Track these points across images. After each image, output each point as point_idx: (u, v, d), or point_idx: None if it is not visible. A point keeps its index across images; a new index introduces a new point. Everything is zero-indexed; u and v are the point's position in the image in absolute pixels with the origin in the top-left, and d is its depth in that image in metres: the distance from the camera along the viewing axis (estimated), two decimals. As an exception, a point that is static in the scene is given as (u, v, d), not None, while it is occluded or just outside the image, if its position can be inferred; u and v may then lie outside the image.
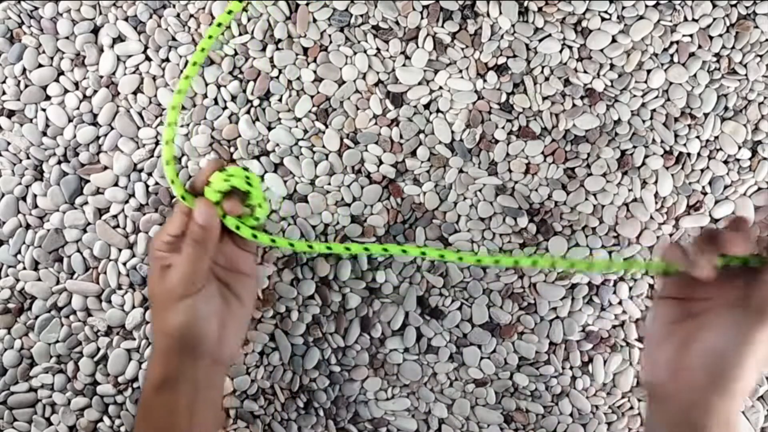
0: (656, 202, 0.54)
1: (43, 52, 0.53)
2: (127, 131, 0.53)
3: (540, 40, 0.53)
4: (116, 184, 0.54)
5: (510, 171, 0.54)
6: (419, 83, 0.53)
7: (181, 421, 0.44)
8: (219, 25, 0.49)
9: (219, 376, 0.49)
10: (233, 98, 0.53)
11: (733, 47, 0.54)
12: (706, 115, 0.54)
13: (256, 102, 0.53)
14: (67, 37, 0.53)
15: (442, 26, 0.53)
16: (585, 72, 0.54)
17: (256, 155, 0.53)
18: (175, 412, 0.44)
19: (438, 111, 0.54)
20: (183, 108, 0.53)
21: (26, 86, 0.53)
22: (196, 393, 0.45)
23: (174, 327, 0.44)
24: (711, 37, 0.54)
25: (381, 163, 0.54)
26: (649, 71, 0.54)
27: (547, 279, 0.54)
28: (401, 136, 0.54)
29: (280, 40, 0.53)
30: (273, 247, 0.47)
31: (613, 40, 0.53)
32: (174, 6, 0.53)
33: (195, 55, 0.48)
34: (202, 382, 0.45)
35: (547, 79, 0.54)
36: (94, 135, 0.53)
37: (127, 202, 0.53)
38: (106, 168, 0.53)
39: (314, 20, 0.53)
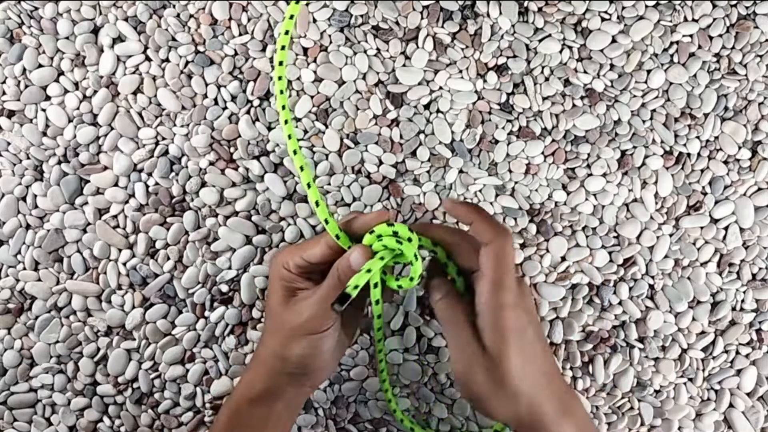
0: (656, 202, 0.54)
1: (43, 52, 0.53)
2: (127, 131, 0.53)
3: (540, 41, 0.53)
4: (116, 184, 0.54)
5: (510, 171, 0.54)
6: (419, 83, 0.53)
7: None
8: (291, 17, 0.50)
9: (306, 397, 0.51)
10: (233, 98, 0.53)
11: (733, 47, 0.54)
12: (706, 115, 0.54)
13: (256, 102, 0.53)
14: (67, 37, 0.53)
15: (442, 26, 0.53)
16: (585, 72, 0.54)
17: (256, 155, 0.53)
18: (265, 426, 0.46)
19: (438, 111, 0.54)
20: (183, 108, 0.53)
21: (26, 86, 0.53)
22: (285, 410, 0.47)
23: (294, 357, 0.45)
24: (711, 37, 0.54)
25: (381, 163, 0.54)
26: (649, 71, 0.54)
27: (548, 279, 0.54)
28: (401, 136, 0.54)
29: (280, 40, 0.53)
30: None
31: (613, 40, 0.53)
32: (174, 6, 0.53)
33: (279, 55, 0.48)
34: (293, 403, 0.47)
35: (547, 79, 0.54)
36: (94, 135, 0.53)
37: (127, 202, 0.53)
38: (106, 168, 0.53)
39: (314, 20, 0.53)
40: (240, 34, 0.53)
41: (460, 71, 0.54)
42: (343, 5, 0.53)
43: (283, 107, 0.48)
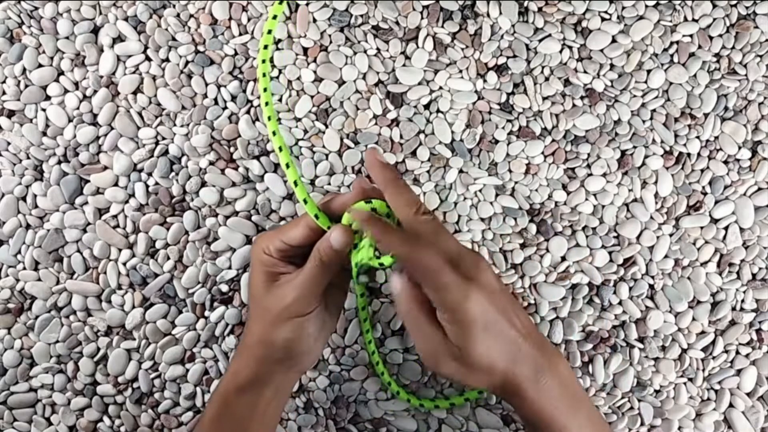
0: (656, 202, 0.54)
1: (43, 52, 0.53)
2: (127, 131, 0.53)
3: (540, 40, 0.53)
4: (116, 184, 0.54)
5: (510, 171, 0.54)
6: (419, 83, 0.53)
7: (254, 423, 0.46)
8: (274, 17, 0.50)
9: (295, 382, 0.50)
10: (233, 98, 0.53)
11: (733, 47, 0.54)
12: (706, 115, 0.54)
13: (256, 102, 0.53)
14: (67, 37, 0.53)
15: (442, 26, 0.53)
16: (585, 72, 0.54)
17: (256, 155, 0.53)
18: (253, 413, 0.46)
19: (438, 111, 0.54)
20: (183, 108, 0.53)
21: (26, 86, 0.53)
22: (274, 397, 0.47)
23: (280, 341, 0.45)
24: (711, 37, 0.54)
25: (381, 163, 0.54)
26: (649, 71, 0.54)
27: (548, 279, 0.54)
28: (401, 136, 0.54)
29: (280, 40, 0.53)
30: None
31: (613, 40, 0.54)
32: (174, 6, 0.53)
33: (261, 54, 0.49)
34: (281, 389, 0.47)
35: (547, 79, 0.54)
36: (94, 135, 0.53)
37: (127, 202, 0.53)
38: (106, 168, 0.53)
39: (314, 20, 0.53)
40: (240, 34, 0.53)
41: (460, 71, 0.54)
42: (343, 5, 0.53)
43: (265, 89, 0.48)
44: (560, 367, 0.44)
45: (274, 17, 0.50)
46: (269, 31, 0.49)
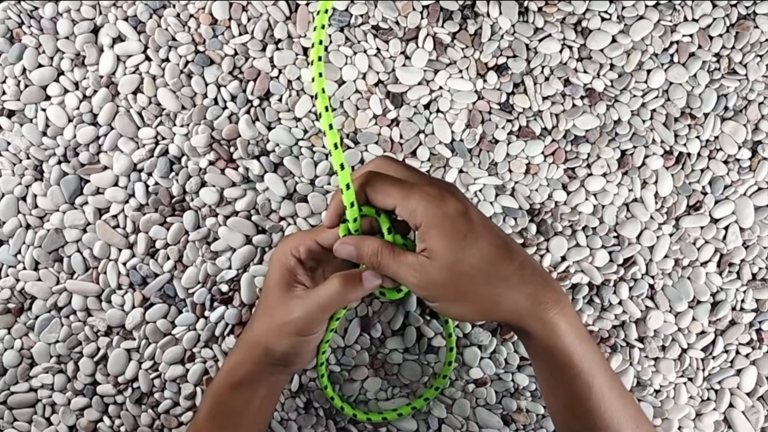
0: (656, 202, 0.54)
1: (43, 52, 0.53)
2: (127, 131, 0.53)
3: (540, 40, 0.53)
4: (116, 184, 0.54)
5: (510, 171, 0.54)
6: (419, 83, 0.53)
7: (247, 420, 0.47)
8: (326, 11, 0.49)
9: (287, 381, 0.52)
10: (233, 98, 0.53)
11: (733, 47, 0.54)
12: (706, 115, 0.54)
13: (256, 102, 0.53)
14: (67, 37, 0.53)
15: (442, 26, 0.53)
16: (585, 72, 0.54)
17: (256, 155, 0.53)
18: (245, 411, 0.46)
19: (438, 111, 0.54)
20: (183, 108, 0.53)
21: (26, 86, 0.53)
22: (267, 396, 0.48)
23: (279, 352, 0.45)
24: (711, 37, 0.54)
25: (381, 163, 0.54)
26: (649, 71, 0.54)
27: (547, 279, 0.54)
28: (401, 136, 0.54)
29: (280, 40, 0.53)
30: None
31: (613, 40, 0.54)
32: (174, 6, 0.53)
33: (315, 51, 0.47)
34: (274, 389, 0.48)
35: (547, 79, 0.54)
36: (94, 135, 0.53)
37: (127, 202, 0.53)
38: (106, 168, 0.53)
39: (314, 20, 0.53)
40: (240, 34, 0.53)
41: (460, 71, 0.54)
42: (343, 5, 0.53)
43: (327, 108, 0.46)
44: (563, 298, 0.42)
45: (326, 11, 0.50)
46: (321, 41, 0.48)
